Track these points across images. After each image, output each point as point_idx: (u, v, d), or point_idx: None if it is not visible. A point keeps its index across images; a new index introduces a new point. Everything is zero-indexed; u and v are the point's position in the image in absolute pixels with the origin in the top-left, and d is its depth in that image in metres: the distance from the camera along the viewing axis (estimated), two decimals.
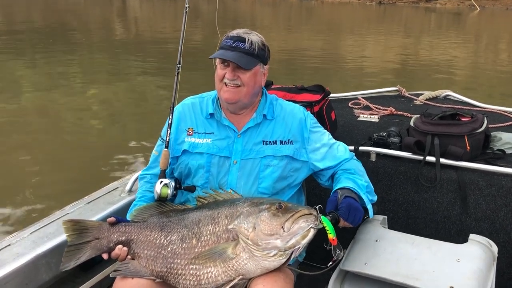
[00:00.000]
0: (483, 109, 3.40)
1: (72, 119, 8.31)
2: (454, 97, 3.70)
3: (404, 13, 30.69)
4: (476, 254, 1.95)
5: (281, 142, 2.16)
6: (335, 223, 1.84)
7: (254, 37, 2.09)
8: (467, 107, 3.40)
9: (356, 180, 2.06)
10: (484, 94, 10.02)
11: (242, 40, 2.04)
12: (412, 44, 18.26)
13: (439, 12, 31.32)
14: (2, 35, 17.44)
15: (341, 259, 1.90)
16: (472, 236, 2.06)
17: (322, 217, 1.79)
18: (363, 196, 2.02)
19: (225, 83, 2.06)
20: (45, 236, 2.18)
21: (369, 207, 2.04)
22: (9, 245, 2.12)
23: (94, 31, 20.05)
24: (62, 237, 2.10)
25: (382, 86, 4.02)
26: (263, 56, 2.12)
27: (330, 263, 1.83)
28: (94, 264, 2.27)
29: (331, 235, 1.76)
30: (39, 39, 16.47)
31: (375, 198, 2.15)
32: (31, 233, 2.20)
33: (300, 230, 1.75)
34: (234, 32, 2.09)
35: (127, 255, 1.97)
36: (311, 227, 1.76)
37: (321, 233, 1.80)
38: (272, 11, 31.46)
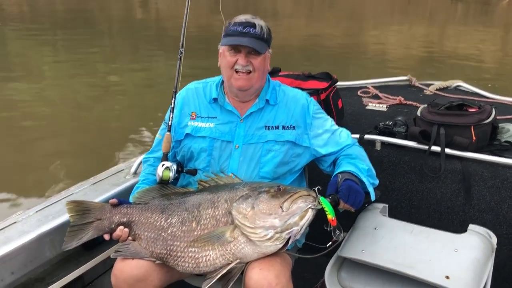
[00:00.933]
0: (494, 100, 3.36)
1: (92, 102, 8.42)
2: (465, 87, 3.65)
3: (430, 2, 29.92)
4: (474, 244, 1.94)
5: (283, 127, 2.17)
6: (335, 205, 1.85)
7: (261, 21, 2.09)
8: (478, 98, 3.35)
9: (356, 164, 2.07)
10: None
11: (252, 25, 2.04)
12: (437, 35, 17.71)
13: (465, 2, 30.31)
14: (25, 21, 17.65)
15: (342, 240, 1.90)
16: (471, 226, 2.06)
17: (321, 198, 1.80)
18: (364, 179, 2.01)
19: (236, 70, 2.06)
20: (50, 215, 2.23)
21: (371, 190, 2.04)
22: (15, 222, 2.17)
23: (115, 17, 20.12)
24: (67, 216, 2.15)
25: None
26: (270, 40, 2.13)
27: (330, 243, 1.84)
28: (98, 244, 2.31)
29: (330, 216, 1.77)
30: (61, 24, 16.60)
31: (377, 182, 2.15)
32: (36, 211, 2.25)
33: (298, 210, 1.78)
34: (242, 18, 2.09)
35: (128, 236, 2.01)
36: (309, 208, 1.78)
37: (321, 218, 1.81)
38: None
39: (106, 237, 2.03)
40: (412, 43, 15.00)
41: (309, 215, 1.79)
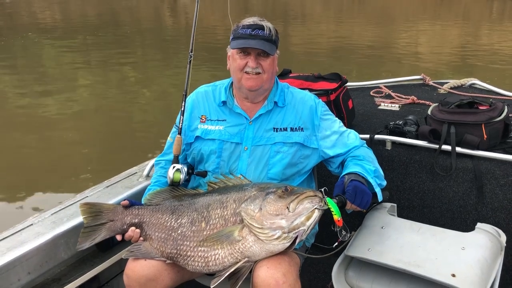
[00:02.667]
0: (510, 98, 3.32)
1: (123, 109, 8.60)
2: (480, 85, 3.62)
3: (464, 1, 29.16)
4: (481, 242, 1.93)
5: (291, 129, 2.19)
6: (341, 206, 1.87)
7: (269, 24, 2.12)
8: (493, 96, 3.32)
9: (363, 165, 2.07)
10: None
11: (261, 27, 2.08)
12: (471, 35, 17.12)
13: (502, 0, 29.29)
14: (59, 30, 18.06)
15: (348, 240, 1.91)
16: (479, 224, 2.05)
17: (328, 199, 1.82)
18: (371, 180, 2.02)
19: (246, 71, 2.09)
20: (64, 217, 2.30)
21: (378, 190, 2.04)
22: (31, 224, 2.24)
23: (146, 25, 20.38)
24: (81, 218, 2.21)
25: (436, 78, 3.91)
26: (278, 42, 2.16)
27: (336, 244, 1.87)
28: (112, 245, 2.37)
29: (336, 216, 1.79)
30: (92, 32, 16.98)
31: (384, 183, 2.15)
32: (51, 214, 2.33)
33: (304, 210, 1.80)
34: (250, 20, 2.11)
35: (139, 237, 2.05)
36: (315, 208, 1.80)
37: (330, 218, 1.83)
38: (324, 2, 30.56)
39: (118, 237, 2.08)
40: (445, 44, 14.59)
41: (316, 215, 1.81)
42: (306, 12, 25.01)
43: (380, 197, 2.04)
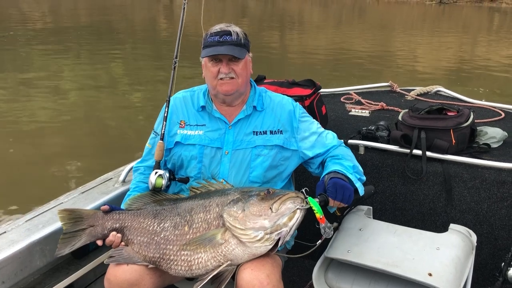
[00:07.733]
0: (473, 105, 3.48)
1: (114, 113, 8.50)
2: (444, 92, 3.78)
3: (464, 13, 29.02)
4: (455, 242, 2.02)
5: (271, 132, 2.23)
6: (324, 204, 1.92)
7: (236, 28, 2.17)
8: (457, 103, 3.47)
9: (342, 163, 2.13)
10: None
11: (228, 33, 2.12)
12: (469, 46, 17.24)
13: (504, 12, 29.35)
14: (48, 31, 17.58)
15: (330, 240, 1.95)
16: (452, 225, 2.14)
17: (309, 198, 1.87)
18: (350, 176, 2.07)
19: (220, 78, 2.12)
20: (40, 224, 2.25)
21: (358, 185, 2.09)
22: (5, 232, 2.18)
23: (139, 28, 19.93)
24: (56, 225, 2.18)
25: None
26: (248, 45, 2.20)
27: (320, 241, 1.91)
28: (87, 252, 2.34)
29: (318, 214, 1.84)
30: (84, 35, 16.58)
31: (364, 178, 2.21)
32: (26, 221, 2.27)
33: (287, 211, 1.85)
34: (217, 28, 2.16)
35: (121, 241, 2.04)
36: (297, 208, 1.85)
37: (311, 219, 1.88)
38: (322, 10, 30.39)
39: (99, 243, 2.05)
40: (444, 55, 14.76)
41: (298, 216, 1.85)
42: (304, 22, 24.76)
43: (361, 192, 2.09)
